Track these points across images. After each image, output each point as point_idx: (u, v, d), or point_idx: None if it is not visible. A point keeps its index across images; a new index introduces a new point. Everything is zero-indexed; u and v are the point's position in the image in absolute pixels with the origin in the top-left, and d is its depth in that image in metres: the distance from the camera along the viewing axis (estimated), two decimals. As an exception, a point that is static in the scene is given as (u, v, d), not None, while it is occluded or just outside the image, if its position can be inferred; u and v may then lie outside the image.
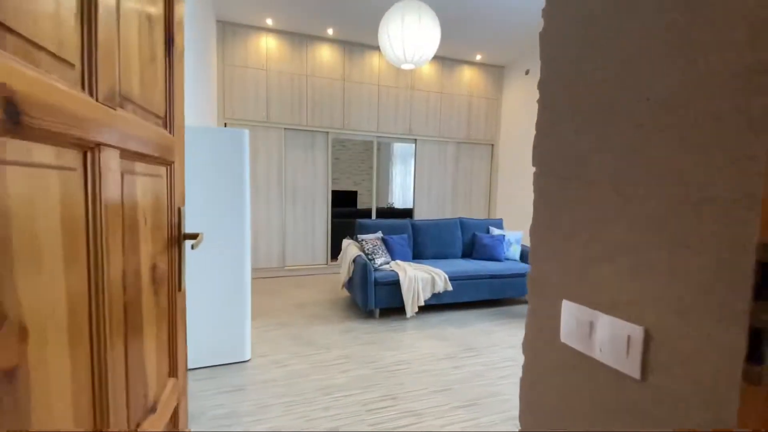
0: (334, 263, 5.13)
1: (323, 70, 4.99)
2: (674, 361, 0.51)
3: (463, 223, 4.51)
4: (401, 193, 6.36)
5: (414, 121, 5.58)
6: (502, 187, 6.07)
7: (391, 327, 3.25)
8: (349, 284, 3.73)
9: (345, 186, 7.62)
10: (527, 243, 5.29)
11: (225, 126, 4.59)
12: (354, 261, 3.56)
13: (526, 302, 4.22)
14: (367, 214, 5.70)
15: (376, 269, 3.49)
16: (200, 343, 2.38)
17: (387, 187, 6.76)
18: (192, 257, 2.00)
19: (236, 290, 2.48)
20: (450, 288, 3.52)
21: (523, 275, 3.89)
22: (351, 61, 5.12)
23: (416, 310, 3.41)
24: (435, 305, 3.73)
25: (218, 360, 2.49)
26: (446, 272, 3.60)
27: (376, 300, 3.36)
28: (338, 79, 5.07)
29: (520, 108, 5.63)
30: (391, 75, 5.35)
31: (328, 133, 5.11)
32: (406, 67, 3.55)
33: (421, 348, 2.85)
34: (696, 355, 0.48)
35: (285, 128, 4.88)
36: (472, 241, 4.43)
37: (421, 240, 4.24)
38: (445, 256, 4.29)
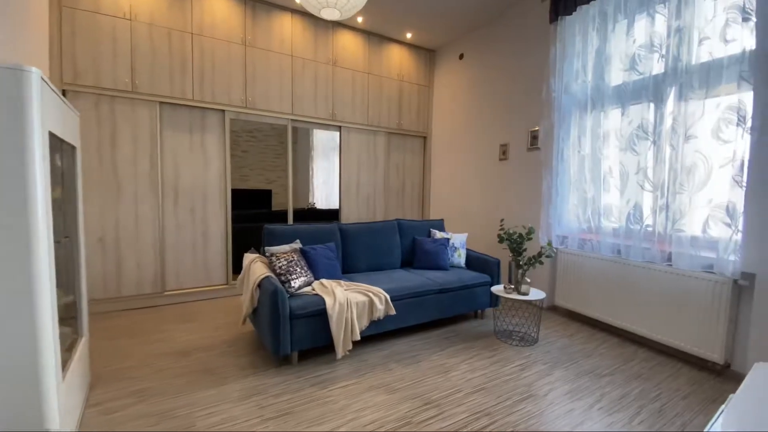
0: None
1: (216, 29, 3.79)
2: None
3: (401, 226, 3.72)
4: (325, 192, 5.35)
5: (338, 105, 4.65)
6: (437, 185, 5.46)
7: (315, 378, 2.29)
8: (255, 317, 2.67)
9: (256, 183, 6.36)
10: (473, 247, 4.76)
11: (64, 94, 3.14)
12: (260, 285, 2.51)
13: (476, 318, 3.65)
14: (284, 217, 4.61)
15: (292, 295, 2.49)
16: None
17: (308, 185, 5.72)
18: None
19: (13, 342, 1.30)
20: (393, 312, 2.68)
21: (474, 286, 3.22)
22: (254, 21, 3.99)
23: (350, 347, 2.50)
24: (375, 336, 2.87)
25: None
26: (387, 290, 2.75)
27: (293, 340, 2.37)
28: (237, 42, 3.91)
29: (454, 97, 5.07)
30: (307, 44, 4.35)
31: (224, 111, 3.91)
32: (327, 15, 2.61)
33: (361, 413, 1.95)
34: None
35: (160, 102, 3.57)
36: (411, 247, 3.66)
37: (353, 249, 3.34)
38: (381, 267, 3.45)
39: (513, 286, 2.92)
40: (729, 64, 2.25)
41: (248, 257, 2.87)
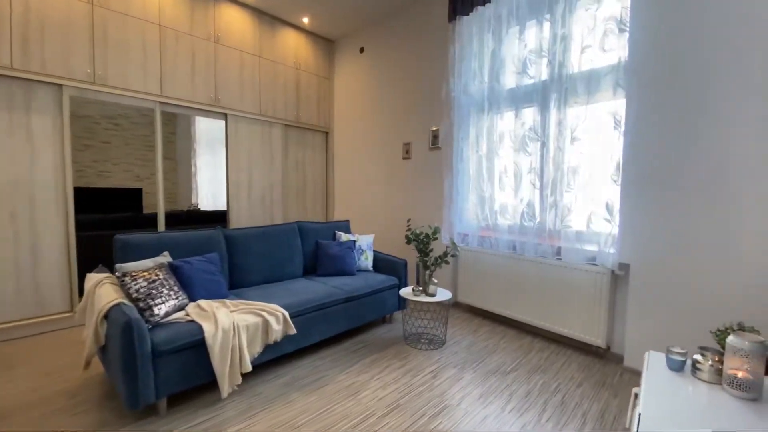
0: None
1: (44, -24, 2.86)
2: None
3: (302, 229, 3.33)
4: (211, 191, 4.60)
5: (223, 89, 4.00)
6: (341, 183, 5.17)
7: (191, 430, 1.79)
8: (105, 356, 2.02)
9: (122, 181, 5.19)
10: (380, 248, 4.58)
11: None
12: (107, 317, 1.88)
13: (385, 322, 3.39)
14: (153, 221, 3.78)
15: (157, 326, 1.93)
16: None
17: (190, 182, 4.86)
18: None
19: None
20: (293, 331, 2.30)
21: (382, 290, 3.03)
22: (104, -26, 3.14)
23: (239, 381, 2.04)
24: (271, 361, 2.45)
25: None
26: (286, 306, 2.36)
27: (158, 384, 1.82)
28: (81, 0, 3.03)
29: (356, 91, 4.84)
30: (180, 14, 3.62)
31: (62, 87, 2.99)
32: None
33: (253, 469, 1.55)
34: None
35: (-50, 66, 2.54)
36: (315, 252, 3.31)
37: (243, 259, 2.83)
38: (280, 278, 3.02)
39: (421, 288, 2.80)
40: (607, 72, 2.45)
41: (92, 278, 2.16)
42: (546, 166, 2.86)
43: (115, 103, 3.34)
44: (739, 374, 1.26)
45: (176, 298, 2.09)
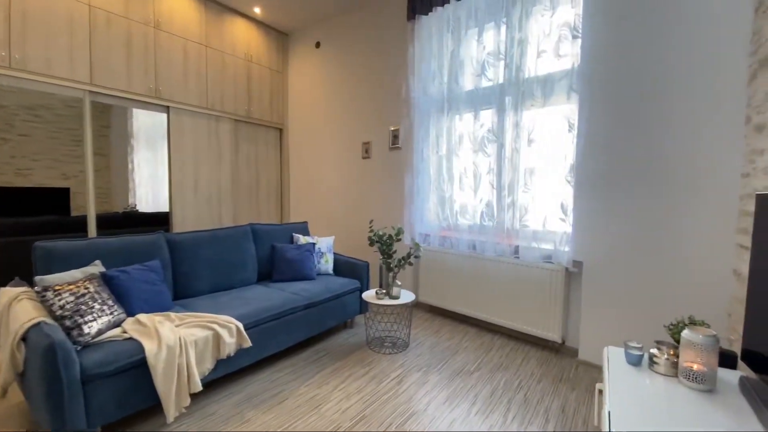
0: None
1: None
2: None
3: (256, 232, 3.12)
4: (151, 190, 4.20)
5: (164, 79, 3.66)
6: (297, 183, 4.97)
7: (130, 464, 1.57)
8: (24, 381, 1.72)
9: (45, 180, 4.54)
10: (341, 250, 4.43)
11: None
12: (24, 339, 1.60)
13: (347, 327, 3.14)
14: (82, 224, 3.35)
15: (87, 346, 1.68)
16: None
17: (126, 181, 4.38)
18: None
19: None
20: (248, 343, 2.12)
21: (344, 294, 2.93)
22: (17, -60, 2.72)
23: (187, 403, 1.84)
24: (224, 378, 2.25)
25: None
26: (240, 316, 2.18)
27: (91, 413, 1.58)
28: (-18, -36, 2.59)
29: (312, 87, 4.67)
30: (114, -5, 3.25)
31: (-40, 68, 2.55)
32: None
33: (205, 504, 1.38)
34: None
35: None
36: (270, 256, 3.12)
37: (190, 266, 2.59)
38: (232, 286, 2.80)
39: (384, 291, 2.73)
40: (562, 77, 2.54)
41: (5, 294, 1.84)
42: (504, 167, 2.91)
43: (36, 92, 2.93)
44: (694, 367, 1.32)
45: (111, 314, 1.83)
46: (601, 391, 1.46)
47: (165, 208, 3.85)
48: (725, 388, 1.32)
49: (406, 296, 2.74)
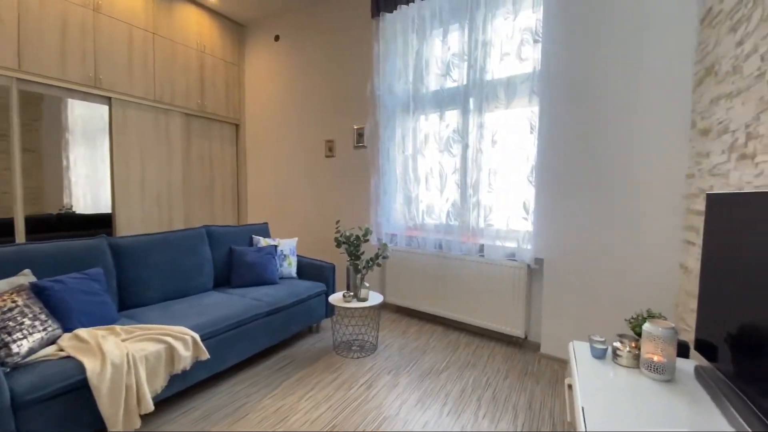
0: None
1: None
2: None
3: (212, 235, 2.93)
4: (90, 190, 3.81)
5: (106, 67, 3.32)
6: (256, 182, 4.75)
7: (69, 501, 1.38)
8: (-74, 419, 1.45)
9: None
10: (305, 252, 4.25)
11: None
12: (-71, 365, 1.36)
13: (312, 332, 3.00)
14: (10, 229, 2.95)
15: (16, 367, 1.46)
16: None
17: (60, 180, 3.93)
18: None
19: None
20: (205, 356, 1.97)
21: (309, 298, 2.82)
22: None
23: (137, 425, 1.66)
24: (180, 394, 2.06)
25: None
26: (196, 326, 2.01)
27: (16, 449, 1.37)
28: None
29: (270, 82, 4.48)
30: (44, -30, 2.90)
31: None
32: None
33: None
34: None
35: None
36: (228, 260, 2.93)
37: (137, 273, 2.36)
38: (186, 293, 2.60)
39: (352, 293, 2.66)
40: (524, 80, 2.61)
41: None
42: (469, 168, 2.95)
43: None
44: (655, 358, 1.39)
45: (44, 330, 1.61)
46: (570, 386, 1.49)
47: (107, 210, 3.51)
48: (682, 377, 1.40)
49: (375, 298, 2.69)
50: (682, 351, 1.56)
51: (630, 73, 2.26)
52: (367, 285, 2.69)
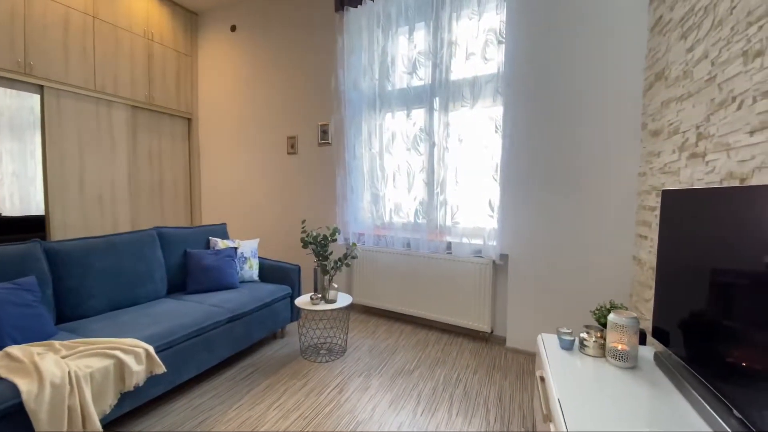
0: None
1: None
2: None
3: (163, 237, 2.71)
4: (18, 190, 3.39)
5: (36, 52, 2.97)
6: (212, 180, 4.48)
7: None
8: None
9: None
10: (267, 254, 4.05)
11: None
12: None
13: (277, 338, 2.91)
14: None
15: None
16: None
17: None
18: None
19: None
20: (161, 369, 1.80)
21: (273, 302, 2.69)
22: None
23: (82, 452, 1.47)
24: (133, 412, 1.87)
25: None
26: (149, 337, 1.84)
27: (-72, 493, 1.16)
28: None
29: (226, 74, 4.25)
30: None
31: None
32: None
33: None
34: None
35: None
36: (182, 264, 2.73)
37: (78, 281, 2.12)
38: (136, 301, 2.38)
39: (320, 295, 2.57)
40: (488, 80, 2.66)
41: None
42: (436, 166, 2.96)
43: None
44: (619, 347, 1.46)
45: (-38, 352, 1.38)
46: (543, 378, 1.53)
47: (39, 211, 3.13)
48: (643, 364, 1.48)
49: (343, 299, 2.62)
50: (641, 339, 1.66)
51: (586, 76, 2.37)
52: (336, 286, 2.62)
